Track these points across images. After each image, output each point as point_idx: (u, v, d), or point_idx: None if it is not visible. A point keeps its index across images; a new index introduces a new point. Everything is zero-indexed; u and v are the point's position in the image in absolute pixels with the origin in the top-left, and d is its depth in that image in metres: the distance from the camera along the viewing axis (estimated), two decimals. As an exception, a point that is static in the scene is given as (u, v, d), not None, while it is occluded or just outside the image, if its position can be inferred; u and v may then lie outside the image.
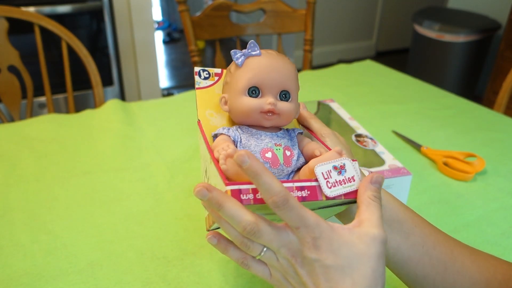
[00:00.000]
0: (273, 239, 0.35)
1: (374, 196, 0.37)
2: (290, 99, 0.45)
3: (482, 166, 0.76)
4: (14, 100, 1.15)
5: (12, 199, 0.67)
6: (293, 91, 0.45)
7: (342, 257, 0.34)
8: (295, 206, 0.34)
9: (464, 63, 2.52)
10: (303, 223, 0.34)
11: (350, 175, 0.38)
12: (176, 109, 1.01)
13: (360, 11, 3.48)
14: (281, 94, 0.44)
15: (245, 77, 0.44)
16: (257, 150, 0.43)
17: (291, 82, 0.45)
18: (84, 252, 0.57)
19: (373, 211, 0.37)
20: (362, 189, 0.38)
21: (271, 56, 0.45)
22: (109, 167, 0.77)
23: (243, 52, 0.45)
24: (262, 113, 0.43)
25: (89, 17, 1.89)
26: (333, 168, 0.38)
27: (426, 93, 1.11)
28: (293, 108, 0.45)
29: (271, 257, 0.37)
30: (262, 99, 0.43)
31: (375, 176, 0.38)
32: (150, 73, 2.12)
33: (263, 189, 0.34)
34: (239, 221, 0.34)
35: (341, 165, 0.38)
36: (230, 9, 1.31)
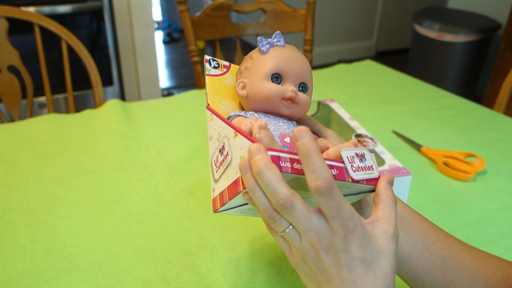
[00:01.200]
0: (302, 220, 0.34)
1: (393, 195, 0.39)
2: (307, 91, 0.46)
3: (482, 166, 0.76)
4: (14, 100, 1.15)
5: (12, 199, 0.67)
6: (310, 85, 0.47)
7: (368, 251, 0.35)
8: (337, 195, 0.33)
9: (464, 63, 2.52)
10: (340, 213, 0.34)
11: (369, 164, 0.40)
12: (176, 109, 1.01)
13: (360, 11, 3.48)
14: (300, 85, 0.46)
15: (270, 63, 0.45)
16: (276, 134, 0.43)
17: (310, 76, 0.47)
18: (84, 252, 0.57)
19: (391, 210, 0.38)
20: (381, 187, 0.39)
21: (294, 49, 0.47)
22: (109, 167, 0.77)
23: (269, 40, 0.47)
24: (283, 100, 0.44)
25: (89, 17, 1.89)
26: (355, 155, 0.39)
27: (426, 93, 1.11)
28: (309, 100, 0.46)
29: (294, 237, 0.36)
30: (284, 86, 0.45)
31: (390, 177, 0.40)
32: (150, 73, 2.12)
33: (310, 170, 0.33)
34: (275, 191, 0.33)
35: (361, 153, 0.40)
36: (230, 9, 1.31)
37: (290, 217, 0.34)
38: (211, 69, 0.51)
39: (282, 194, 0.33)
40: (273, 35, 0.47)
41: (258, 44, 0.47)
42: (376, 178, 0.40)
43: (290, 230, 0.36)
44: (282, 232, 0.36)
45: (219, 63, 0.51)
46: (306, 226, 0.34)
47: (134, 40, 2.01)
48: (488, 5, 2.66)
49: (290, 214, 0.34)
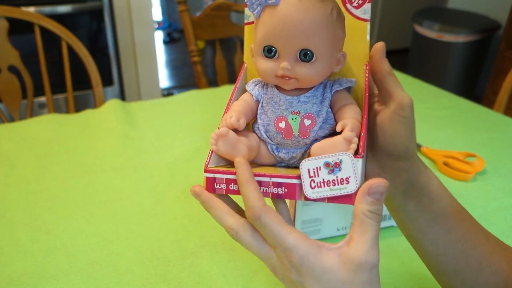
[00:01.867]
0: (252, 249, 0.34)
1: (369, 212, 0.31)
2: (313, 59, 0.36)
3: (482, 166, 0.76)
4: (14, 100, 1.15)
5: (12, 199, 0.67)
6: (320, 48, 0.36)
7: (324, 282, 0.31)
8: (268, 224, 0.31)
9: (464, 63, 2.52)
10: (279, 244, 0.32)
11: (344, 176, 0.32)
12: (176, 109, 1.01)
13: (360, 11, 3.47)
14: (301, 53, 0.36)
15: (261, 33, 0.37)
16: (272, 118, 0.39)
17: (317, 37, 0.36)
18: (84, 252, 0.57)
19: (365, 230, 0.31)
20: (358, 199, 0.32)
21: (290, 5, 0.36)
22: (109, 167, 0.77)
23: (259, 0, 0.37)
24: (278, 77, 0.38)
25: (89, 17, 1.89)
26: (324, 165, 0.32)
27: (426, 93, 1.11)
28: (318, 70, 0.37)
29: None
30: (277, 60, 0.37)
31: (375, 184, 0.31)
32: (150, 73, 2.12)
33: (243, 200, 0.33)
34: (222, 225, 0.35)
35: (336, 162, 0.32)
36: (230, 9, 1.31)
37: (243, 246, 0.34)
38: (251, 15, 0.43)
39: (227, 227, 0.34)
40: None
41: (248, 8, 0.38)
42: (350, 194, 0.32)
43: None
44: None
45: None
46: (258, 254, 0.34)
47: (134, 40, 2.01)
48: (488, 5, 2.66)
49: (241, 244, 0.34)
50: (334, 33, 0.37)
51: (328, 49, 0.37)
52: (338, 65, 0.40)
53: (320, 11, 0.36)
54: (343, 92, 0.40)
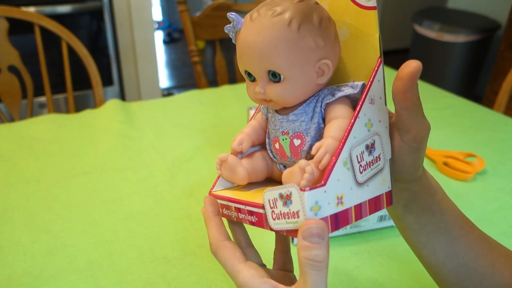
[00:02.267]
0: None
1: (305, 259, 0.28)
2: (281, 79, 0.34)
3: (482, 166, 0.76)
4: (14, 100, 1.15)
5: (12, 199, 0.67)
6: (285, 66, 0.33)
7: None
8: (222, 260, 0.33)
9: (464, 63, 2.52)
10: (233, 279, 0.33)
11: (295, 209, 0.30)
12: (176, 109, 1.01)
13: (360, 11, 3.48)
14: (269, 74, 0.34)
15: (238, 58, 0.37)
16: (271, 138, 0.38)
17: (278, 56, 0.33)
18: (84, 252, 0.57)
19: (304, 280, 0.28)
20: (298, 246, 0.29)
21: (247, 28, 0.34)
22: (109, 167, 0.77)
23: (230, 27, 0.36)
24: (259, 100, 0.37)
25: (89, 17, 1.89)
26: (279, 197, 0.31)
27: (426, 93, 1.11)
28: (289, 89, 0.34)
29: None
30: (255, 83, 0.36)
31: (307, 226, 0.28)
32: (150, 73, 2.12)
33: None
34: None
35: (287, 194, 0.30)
36: (230, 9, 1.31)
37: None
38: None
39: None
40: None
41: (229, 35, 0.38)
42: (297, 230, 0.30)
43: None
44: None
45: None
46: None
47: (134, 40, 2.01)
48: (488, 5, 2.66)
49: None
50: (300, 45, 0.34)
51: (297, 65, 0.34)
52: (322, 76, 0.35)
53: (275, 28, 0.33)
54: (336, 104, 0.35)
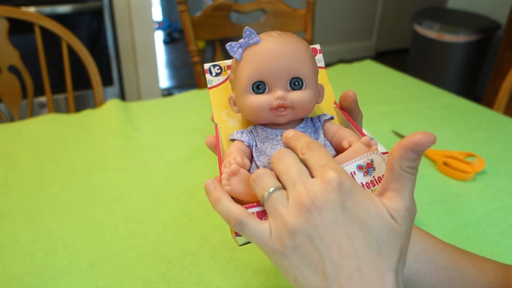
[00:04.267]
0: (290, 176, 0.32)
1: (410, 167, 0.30)
2: (304, 86, 0.38)
3: (482, 166, 0.76)
4: (14, 100, 1.15)
5: (12, 199, 0.67)
6: (307, 75, 0.38)
7: (369, 218, 0.30)
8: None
9: (464, 63, 2.52)
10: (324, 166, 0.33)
11: (379, 174, 0.32)
12: (176, 109, 1.01)
13: (360, 11, 3.48)
14: (291, 82, 0.38)
15: (247, 72, 0.38)
16: (272, 154, 0.37)
17: (303, 65, 0.38)
18: (84, 252, 0.57)
19: (405, 184, 0.30)
20: (396, 154, 0.30)
21: (273, 40, 0.38)
22: (109, 167, 0.77)
23: (239, 42, 0.38)
24: (273, 110, 0.38)
25: (89, 17, 1.89)
26: (357, 168, 0.32)
27: (426, 93, 1.11)
28: (309, 96, 0.38)
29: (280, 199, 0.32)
30: (269, 94, 0.38)
31: (422, 141, 0.29)
32: (150, 73, 2.12)
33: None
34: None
35: (367, 162, 0.32)
36: (230, 9, 1.31)
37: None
38: (213, 79, 0.44)
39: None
40: (243, 33, 0.38)
41: (229, 52, 0.39)
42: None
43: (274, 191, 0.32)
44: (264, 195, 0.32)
45: (221, 66, 0.44)
46: (295, 179, 0.32)
47: (134, 40, 2.01)
48: (487, 5, 2.66)
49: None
50: (314, 63, 0.40)
51: (314, 76, 0.39)
52: (320, 96, 0.41)
53: (300, 43, 0.39)
54: (330, 121, 0.41)
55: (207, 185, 0.35)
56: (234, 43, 0.38)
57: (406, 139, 0.29)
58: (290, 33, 0.40)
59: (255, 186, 0.33)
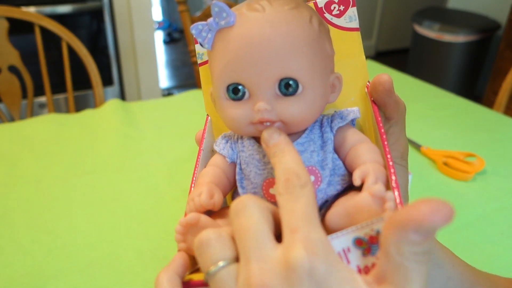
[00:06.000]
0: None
1: (414, 254, 0.20)
2: (299, 89, 0.26)
3: (481, 166, 0.76)
4: (14, 100, 1.15)
5: (13, 199, 0.67)
6: (305, 71, 0.26)
7: None
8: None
9: (464, 63, 2.52)
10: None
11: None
12: (176, 109, 1.01)
13: (359, 11, 3.46)
14: (281, 85, 0.26)
15: (218, 69, 0.27)
16: (259, 182, 0.28)
17: (298, 57, 0.26)
18: (85, 251, 0.57)
19: (408, 276, 0.20)
20: (387, 235, 0.20)
21: (254, 20, 0.26)
22: (109, 167, 0.77)
23: (208, 24, 0.27)
24: (255, 124, 0.28)
25: (89, 17, 1.89)
26: (354, 243, 0.21)
27: (426, 93, 1.11)
28: (308, 104, 0.27)
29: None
30: (249, 101, 0.27)
31: (420, 215, 0.19)
32: (150, 73, 2.12)
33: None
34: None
35: (371, 235, 0.21)
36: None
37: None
38: (204, 51, 0.34)
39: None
40: (211, 10, 0.26)
41: (196, 38, 0.28)
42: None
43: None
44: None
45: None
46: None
47: (134, 40, 2.01)
48: (487, 5, 2.66)
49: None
50: (321, 48, 0.28)
51: (317, 72, 0.27)
52: (334, 92, 0.30)
53: (296, 21, 0.26)
54: (348, 128, 0.29)
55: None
56: (201, 25, 0.27)
57: (403, 213, 0.19)
58: (284, 2, 0.27)
59: (198, 256, 0.23)
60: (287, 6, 0.27)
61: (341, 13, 0.32)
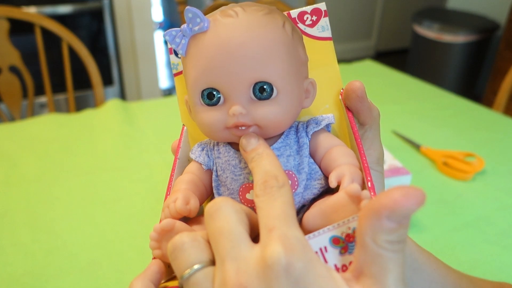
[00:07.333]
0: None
1: (389, 242, 0.20)
2: (274, 93, 0.27)
3: (481, 166, 0.76)
4: (15, 100, 1.15)
5: (13, 199, 0.68)
6: (280, 77, 0.27)
7: None
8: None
9: (464, 63, 2.53)
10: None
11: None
12: (176, 109, 1.00)
13: (359, 11, 3.48)
14: (255, 89, 0.27)
15: (193, 74, 0.28)
16: (235, 188, 0.28)
17: (272, 60, 0.26)
18: (85, 251, 0.57)
19: (385, 266, 0.20)
20: (365, 221, 0.20)
21: (227, 26, 0.26)
22: (109, 166, 0.77)
23: (182, 30, 0.27)
24: (230, 129, 0.28)
25: (89, 17, 1.89)
26: (330, 242, 0.22)
27: (425, 93, 1.12)
28: (283, 108, 0.27)
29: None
30: (224, 106, 0.27)
31: (392, 201, 0.20)
32: (150, 73, 2.12)
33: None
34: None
35: (348, 233, 0.21)
36: (230, 9, 1.31)
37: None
38: (179, 61, 0.33)
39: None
40: (185, 16, 0.27)
41: (170, 44, 0.28)
42: None
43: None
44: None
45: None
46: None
47: (135, 40, 2.01)
48: (487, 6, 2.66)
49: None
50: (295, 54, 0.28)
51: (291, 76, 0.28)
52: (308, 98, 0.30)
53: (269, 26, 0.27)
54: (323, 133, 0.30)
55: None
56: (175, 31, 0.28)
57: (376, 201, 0.20)
58: (257, 8, 0.28)
59: (172, 261, 0.23)
60: (261, 12, 0.27)
61: (314, 23, 0.33)
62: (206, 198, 0.31)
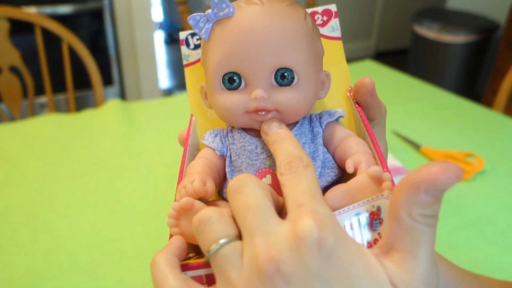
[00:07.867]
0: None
1: (424, 216, 0.20)
2: (295, 80, 0.28)
3: (481, 166, 0.76)
4: (15, 100, 1.15)
5: (13, 199, 0.68)
6: (302, 64, 0.28)
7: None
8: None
9: (463, 63, 2.53)
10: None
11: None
12: (176, 109, 1.01)
13: (359, 11, 3.48)
14: (277, 75, 0.27)
15: (215, 58, 0.28)
16: (251, 172, 0.28)
17: (295, 48, 0.27)
18: (85, 251, 0.57)
19: (418, 241, 0.20)
20: (399, 198, 0.21)
21: (252, 12, 0.27)
22: (109, 167, 0.77)
23: (206, 14, 0.28)
24: (250, 114, 0.28)
25: (90, 17, 1.89)
26: (356, 219, 0.22)
27: (425, 93, 1.12)
28: (303, 95, 0.28)
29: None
30: (246, 91, 0.28)
31: (431, 174, 0.20)
32: (150, 73, 2.12)
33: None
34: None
35: (372, 211, 0.22)
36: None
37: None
38: (190, 53, 0.34)
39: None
40: (211, 2, 0.28)
41: (193, 28, 0.29)
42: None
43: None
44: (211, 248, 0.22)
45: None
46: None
47: (135, 41, 2.01)
48: (487, 6, 2.66)
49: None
50: (315, 45, 0.29)
51: (311, 65, 0.28)
52: (323, 89, 0.31)
53: (293, 16, 0.28)
54: (335, 124, 0.31)
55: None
56: (199, 16, 0.28)
57: (414, 174, 0.20)
58: (283, 1, 0.29)
59: (198, 236, 0.23)
60: (284, 2, 0.28)
61: (324, 23, 0.34)
62: (219, 183, 0.31)
